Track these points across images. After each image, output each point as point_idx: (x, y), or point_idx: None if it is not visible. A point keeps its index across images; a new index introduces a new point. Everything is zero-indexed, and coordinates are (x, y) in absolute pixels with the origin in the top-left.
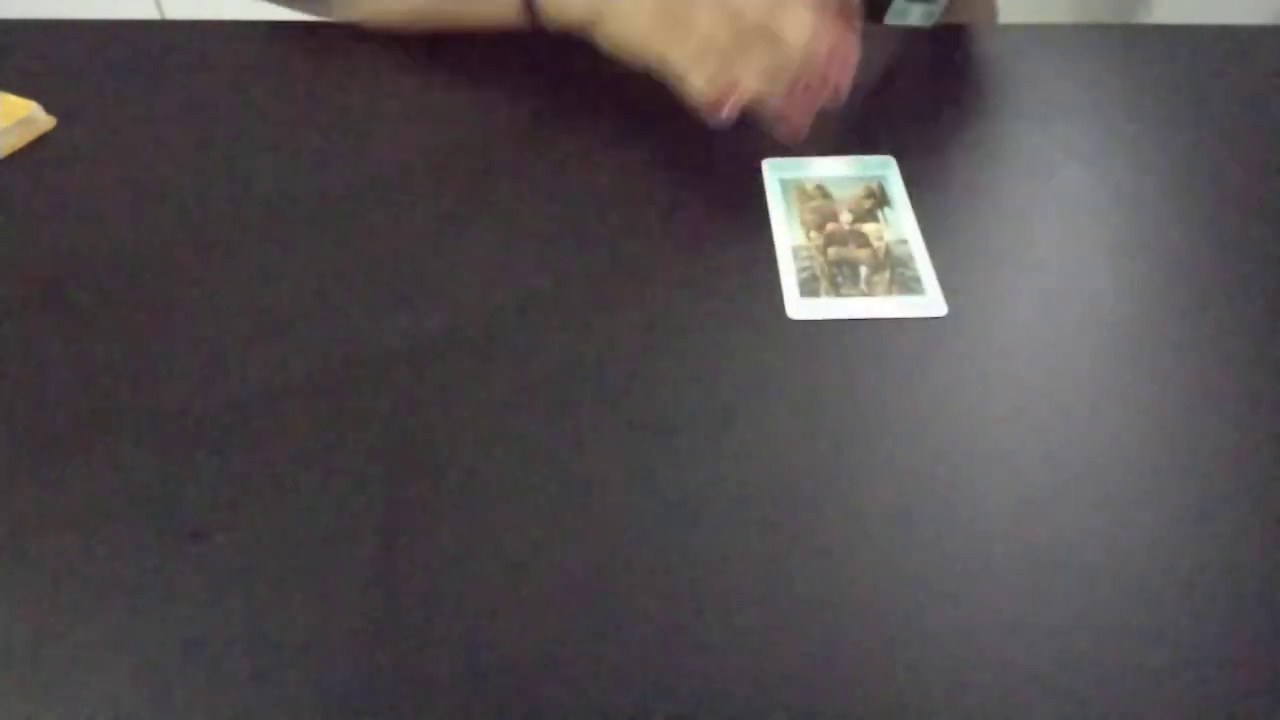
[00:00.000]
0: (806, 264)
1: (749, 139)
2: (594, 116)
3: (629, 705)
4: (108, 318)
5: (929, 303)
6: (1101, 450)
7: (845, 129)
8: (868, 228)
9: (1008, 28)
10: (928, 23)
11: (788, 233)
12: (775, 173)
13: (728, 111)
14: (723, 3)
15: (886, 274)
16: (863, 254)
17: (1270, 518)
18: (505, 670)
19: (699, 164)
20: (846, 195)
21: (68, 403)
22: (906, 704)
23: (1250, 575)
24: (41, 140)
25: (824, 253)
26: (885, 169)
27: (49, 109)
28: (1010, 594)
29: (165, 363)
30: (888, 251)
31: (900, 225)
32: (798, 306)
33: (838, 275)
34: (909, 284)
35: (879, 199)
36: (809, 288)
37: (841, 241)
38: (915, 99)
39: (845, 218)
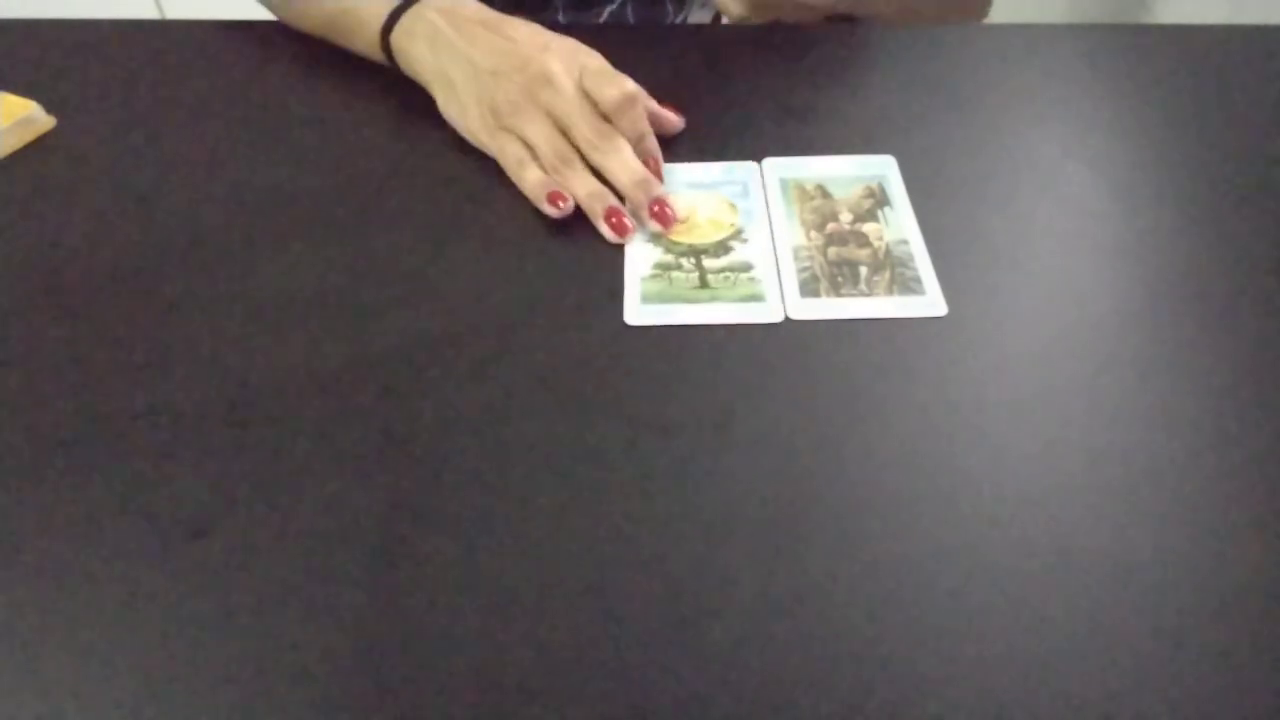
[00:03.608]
0: (806, 264)
1: (749, 138)
2: None
3: (629, 704)
4: (108, 318)
5: (929, 303)
6: (1101, 450)
7: (845, 129)
8: (868, 228)
9: (1008, 28)
10: None
11: (788, 233)
12: (775, 173)
13: (560, 212)
14: (550, 112)
15: (886, 274)
16: (863, 254)
17: (1271, 516)
18: (505, 669)
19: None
20: (846, 195)
21: (68, 403)
22: (906, 702)
23: (1250, 573)
24: (41, 140)
25: (824, 253)
26: (885, 169)
27: (49, 109)
28: (1009, 593)
29: (165, 362)
30: (888, 251)
31: (900, 225)
32: (798, 306)
33: (838, 275)
34: (909, 284)
35: (879, 199)
36: (809, 288)
37: (842, 241)
38: (915, 99)
39: (845, 218)
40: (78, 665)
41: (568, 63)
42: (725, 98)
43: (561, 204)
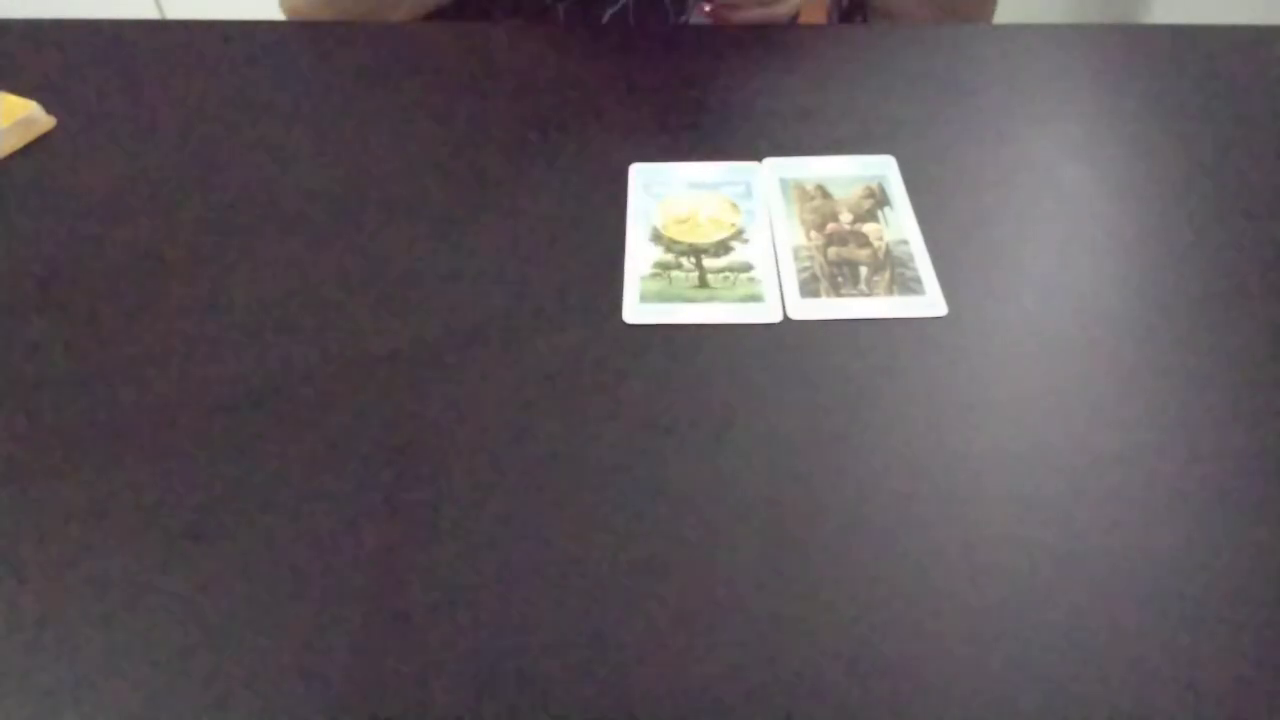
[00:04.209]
0: (806, 264)
1: (750, 138)
2: (596, 115)
3: (629, 704)
4: (106, 318)
5: (929, 303)
6: (1101, 449)
7: (845, 129)
8: (868, 228)
9: (1008, 28)
10: None
11: (788, 233)
12: (775, 173)
13: None
14: None
15: (886, 274)
16: (863, 254)
17: (1271, 516)
18: (506, 669)
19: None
20: (846, 195)
21: (67, 403)
22: (906, 702)
23: (1251, 573)
24: (41, 140)
25: (824, 253)
26: (885, 169)
27: (49, 109)
28: (1010, 593)
29: (164, 361)
30: (888, 251)
31: (900, 225)
32: (798, 306)
33: (838, 275)
34: (909, 284)
35: (879, 199)
36: (809, 288)
37: (841, 241)
38: (916, 99)
39: (845, 218)
40: (78, 665)
41: None
42: (725, 98)
43: None
